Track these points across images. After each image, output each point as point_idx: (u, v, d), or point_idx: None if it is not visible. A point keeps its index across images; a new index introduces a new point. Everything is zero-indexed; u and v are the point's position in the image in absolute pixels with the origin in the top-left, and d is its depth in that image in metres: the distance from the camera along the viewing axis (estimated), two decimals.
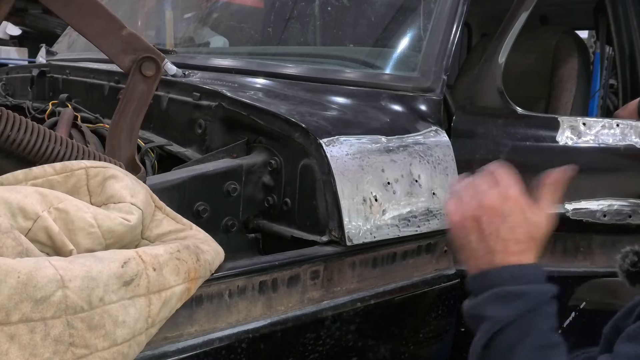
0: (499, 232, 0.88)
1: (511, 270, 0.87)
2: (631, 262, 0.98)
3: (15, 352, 0.72)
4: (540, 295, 0.85)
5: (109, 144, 1.16)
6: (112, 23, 1.10)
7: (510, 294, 0.84)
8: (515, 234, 0.89)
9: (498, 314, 0.84)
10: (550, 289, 0.87)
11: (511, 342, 0.83)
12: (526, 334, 0.82)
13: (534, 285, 0.86)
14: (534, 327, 0.83)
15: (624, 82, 2.06)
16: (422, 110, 1.45)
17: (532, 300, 0.84)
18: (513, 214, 0.90)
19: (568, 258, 1.49)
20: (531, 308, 0.84)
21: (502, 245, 0.88)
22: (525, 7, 1.52)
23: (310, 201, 1.20)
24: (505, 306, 0.84)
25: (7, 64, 4.65)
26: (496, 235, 0.88)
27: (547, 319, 0.85)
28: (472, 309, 0.88)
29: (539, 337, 0.82)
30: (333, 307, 1.16)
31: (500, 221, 0.89)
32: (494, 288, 0.85)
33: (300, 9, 1.97)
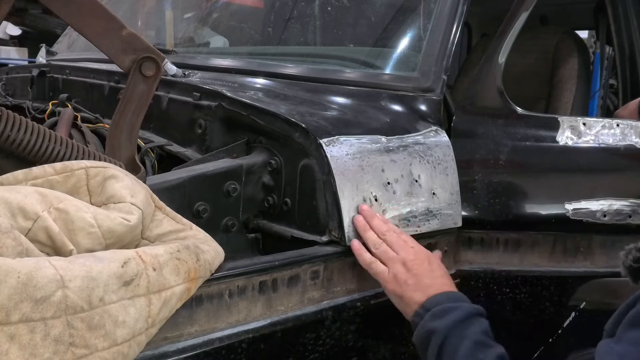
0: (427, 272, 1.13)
1: (443, 295, 1.10)
2: (634, 258, 0.99)
3: (15, 352, 0.72)
4: (469, 308, 1.07)
5: (109, 144, 1.16)
6: (112, 23, 1.10)
7: (447, 309, 1.07)
8: (438, 271, 1.15)
9: (441, 325, 1.04)
10: (477, 307, 1.09)
11: (455, 346, 1.02)
12: (463, 336, 1.03)
13: (463, 303, 1.09)
14: (469, 331, 1.03)
15: (624, 82, 2.06)
16: (422, 110, 1.45)
17: (463, 312, 1.06)
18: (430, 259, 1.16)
19: (568, 258, 1.49)
20: (464, 317, 1.05)
21: (431, 280, 1.12)
22: (525, 7, 1.52)
23: (310, 201, 1.20)
24: (445, 318, 1.05)
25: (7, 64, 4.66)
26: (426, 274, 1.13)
27: (479, 326, 1.05)
28: (420, 332, 1.08)
29: (474, 337, 1.02)
30: (333, 307, 1.16)
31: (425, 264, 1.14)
32: (432, 309, 1.08)
33: (300, 9, 1.97)
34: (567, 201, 1.46)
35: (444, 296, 1.10)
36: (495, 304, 1.44)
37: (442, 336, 1.04)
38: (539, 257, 1.47)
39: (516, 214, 1.44)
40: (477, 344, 1.02)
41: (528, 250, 1.46)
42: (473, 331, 1.03)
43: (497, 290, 1.44)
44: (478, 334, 1.03)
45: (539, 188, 1.47)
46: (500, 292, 1.44)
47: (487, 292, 1.44)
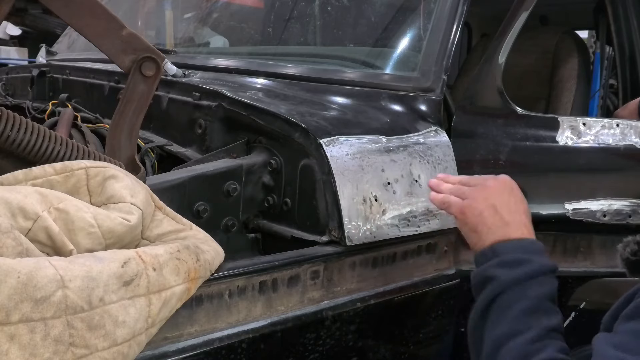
0: (507, 206, 1.03)
1: (519, 242, 1.00)
2: (631, 250, 1.00)
3: (15, 352, 0.72)
4: (541, 266, 0.97)
5: (109, 144, 1.16)
6: (112, 23, 1.10)
7: (515, 261, 0.96)
8: (518, 207, 1.04)
9: (504, 276, 0.95)
10: (551, 264, 0.98)
11: (511, 301, 0.93)
12: (526, 295, 0.93)
13: (537, 257, 0.98)
14: (533, 291, 0.94)
15: (624, 82, 2.06)
16: (422, 110, 1.45)
17: (533, 268, 0.95)
18: (514, 194, 1.05)
19: (568, 258, 1.49)
20: (532, 275, 0.95)
21: (512, 217, 1.02)
22: (525, 7, 1.52)
23: (310, 201, 1.20)
24: (512, 270, 0.95)
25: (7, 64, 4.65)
26: (507, 209, 1.02)
27: (546, 287, 0.95)
28: (481, 272, 0.99)
29: (535, 301, 0.93)
30: (333, 307, 1.16)
31: (506, 198, 1.03)
32: (503, 256, 0.98)
33: (300, 9, 1.97)
34: (567, 201, 1.46)
35: (518, 245, 1.00)
36: None
37: (501, 288, 0.95)
38: None
39: None
40: (536, 308, 0.93)
41: None
42: (537, 292, 0.94)
43: None
44: (542, 296, 0.94)
45: (539, 188, 1.47)
46: None
47: None
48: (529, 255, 0.98)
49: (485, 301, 0.97)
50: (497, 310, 0.95)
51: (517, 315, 0.92)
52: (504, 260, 0.98)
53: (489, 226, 1.02)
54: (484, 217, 1.03)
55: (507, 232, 1.01)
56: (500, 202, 1.03)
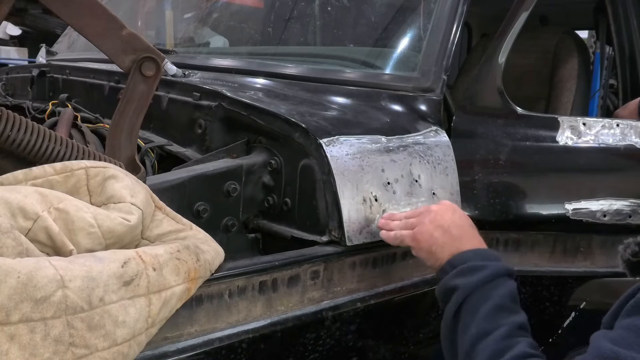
0: (456, 223, 1.11)
1: (472, 252, 1.07)
2: (632, 252, 1.00)
3: (15, 352, 0.72)
4: (498, 269, 1.03)
5: (109, 144, 1.16)
6: (112, 23, 1.10)
7: (474, 267, 1.03)
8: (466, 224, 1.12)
9: (465, 283, 1.02)
10: (506, 266, 1.05)
11: (476, 305, 1.00)
12: (488, 297, 1.00)
13: (493, 262, 1.05)
14: (494, 293, 1.00)
15: (624, 82, 2.06)
16: (422, 110, 1.45)
17: (491, 272, 1.02)
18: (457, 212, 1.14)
19: (568, 258, 1.49)
20: (491, 278, 1.02)
21: (460, 232, 1.10)
22: (525, 7, 1.52)
23: (310, 201, 1.20)
24: (470, 277, 1.02)
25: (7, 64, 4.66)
26: (455, 225, 1.10)
27: (505, 288, 1.01)
28: (443, 285, 1.06)
29: (498, 300, 0.99)
30: (333, 307, 1.16)
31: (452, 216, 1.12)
32: (458, 267, 1.04)
33: (300, 9, 1.97)
34: (567, 201, 1.46)
35: (473, 253, 1.07)
36: None
37: (465, 294, 1.01)
38: (539, 257, 1.47)
39: (516, 214, 1.44)
40: (498, 308, 0.98)
41: (528, 250, 1.47)
42: (497, 293, 1.00)
43: None
44: (502, 297, 1.00)
45: (539, 188, 1.47)
46: None
47: None
48: (484, 262, 1.04)
49: (452, 310, 1.02)
50: (464, 315, 1.00)
51: (484, 316, 0.98)
52: (462, 269, 1.04)
53: (442, 244, 1.09)
54: (435, 238, 1.10)
55: (460, 245, 1.08)
56: (446, 222, 1.11)
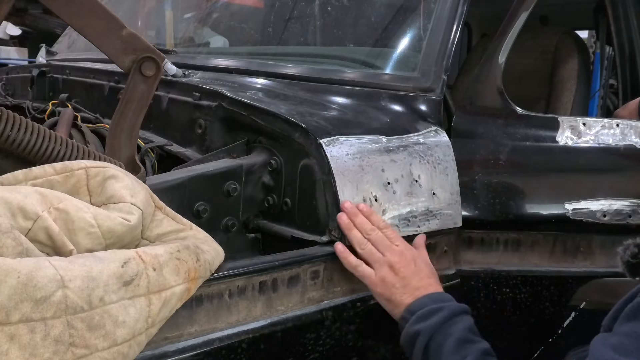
0: (413, 273, 1.15)
1: (427, 298, 1.12)
2: (632, 253, 1.00)
3: (15, 352, 0.72)
4: (453, 308, 1.10)
5: (109, 144, 1.16)
6: (112, 23, 1.10)
7: (431, 311, 1.09)
8: (424, 271, 1.16)
9: (425, 327, 1.07)
10: (461, 306, 1.12)
11: (440, 344, 1.05)
12: (448, 334, 1.05)
13: (448, 303, 1.11)
14: (454, 329, 1.06)
15: (624, 82, 2.06)
16: (422, 110, 1.45)
17: (447, 311, 1.09)
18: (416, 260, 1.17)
19: (568, 258, 1.49)
20: (449, 317, 1.08)
21: (418, 281, 1.14)
22: (525, 7, 1.52)
23: (310, 201, 1.20)
24: (430, 319, 1.08)
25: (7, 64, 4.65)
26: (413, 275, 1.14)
27: (464, 324, 1.08)
28: (406, 332, 1.10)
29: (459, 335, 1.05)
30: (333, 307, 1.16)
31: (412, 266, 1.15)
32: (417, 313, 1.10)
33: (300, 9, 1.97)
34: (567, 201, 1.46)
35: (428, 298, 1.12)
36: (496, 304, 1.44)
37: (427, 336, 1.06)
38: (539, 257, 1.47)
39: (516, 214, 1.44)
40: (462, 340, 1.04)
41: (528, 250, 1.46)
42: (457, 329, 1.06)
43: (497, 290, 1.44)
44: (462, 331, 1.06)
45: (539, 188, 1.47)
46: (501, 292, 1.44)
47: (487, 292, 1.44)
48: (439, 304, 1.10)
49: (419, 354, 1.07)
50: (432, 356, 1.06)
51: (450, 351, 1.03)
52: (420, 315, 1.09)
53: (401, 295, 1.13)
54: (396, 289, 1.14)
55: (418, 293, 1.13)
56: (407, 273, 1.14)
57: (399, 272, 1.14)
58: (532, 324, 1.50)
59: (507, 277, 1.44)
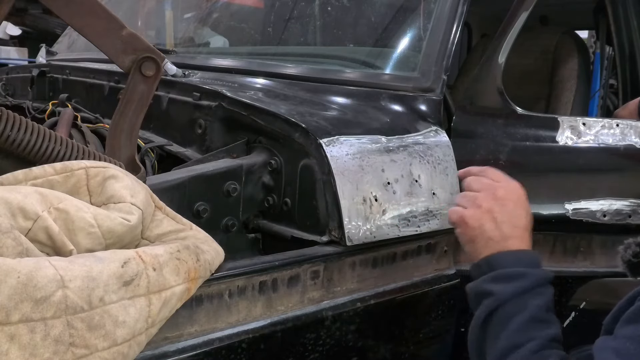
0: (510, 221, 1.03)
1: (513, 255, 1.01)
2: (633, 252, 1.00)
3: (15, 352, 0.72)
4: (537, 278, 0.99)
5: (109, 144, 1.16)
6: (112, 23, 1.10)
7: (512, 275, 0.98)
8: (520, 222, 1.04)
9: (500, 291, 0.97)
10: (546, 274, 1.00)
11: (509, 315, 0.96)
12: (523, 308, 0.95)
13: (532, 269, 1.00)
14: (530, 303, 0.96)
15: (624, 82, 2.06)
16: (422, 110, 1.45)
17: (529, 281, 0.98)
18: (517, 207, 1.05)
19: (568, 258, 1.49)
20: (529, 288, 0.97)
21: (511, 232, 1.03)
22: (525, 7, 1.52)
23: (310, 201, 1.20)
24: (507, 284, 0.97)
25: (7, 64, 4.65)
26: (509, 223, 1.03)
27: (542, 298, 0.97)
28: (476, 287, 1.01)
29: (533, 312, 0.95)
30: (333, 307, 1.16)
31: (510, 212, 1.04)
32: (498, 269, 0.99)
33: (300, 9, 1.97)
34: (567, 201, 1.46)
35: (514, 257, 1.01)
36: None
37: (498, 302, 0.97)
38: None
39: None
40: (534, 319, 0.95)
41: None
42: (534, 304, 0.96)
43: None
44: (539, 308, 0.96)
45: (539, 188, 1.47)
46: None
47: None
48: (524, 268, 0.99)
49: (483, 316, 0.99)
50: (495, 324, 0.97)
51: (516, 328, 0.94)
52: (500, 274, 0.99)
53: (487, 239, 1.03)
54: (483, 230, 1.04)
55: (505, 245, 1.02)
56: (502, 215, 1.04)
57: (496, 212, 1.03)
58: None
59: None
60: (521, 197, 1.08)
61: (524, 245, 1.04)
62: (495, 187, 1.07)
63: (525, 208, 1.07)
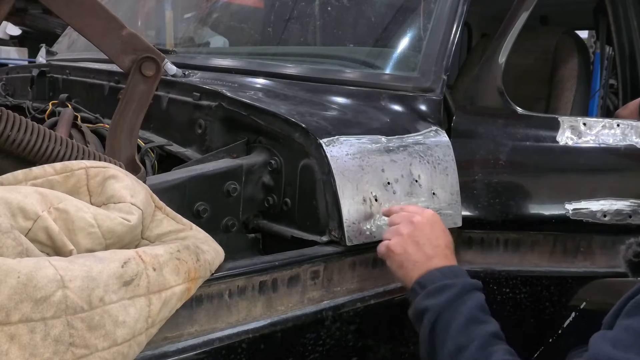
0: (430, 241, 1.12)
1: (438, 271, 1.09)
2: (634, 252, 1.00)
3: (15, 352, 0.72)
4: (463, 285, 1.07)
5: (109, 144, 1.16)
6: (112, 23, 1.10)
7: (441, 287, 1.06)
8: (440, 242, 1.13)
9: (434, 304, 1.05)
10: (472, 281, 1.09)
11: (447, 322, 1.03)
12: (458, 313, 1.03)
13: (458, 279, 1.08)
14: (462, 308, 1.03)
15: (624, 82, 2.05)
16: (422, 110, 1.45)
17: (457, 289, 1.06)
18: (435, 229, 1.14)
19: (568, 258, 1.49)
20: (458, 295, 1.05)
21: (434, 251, 1.11)
22: (525, 7, 1.52)
23: (310, 201, 1.20)
24: (439, 296, 1.05)
25: (7, 64, 4.65)
26: (429, 244, 1.12)
27: (473, 301, 1.05)
28: (414, 307, 1.08)
29: (467, 314, 1.02)
30: (333, 307, 1.16)
31: (428, 234, 1.13)
32: (427, 287, 1.07)
33: (300, 9, 1.97)
34: (567, 201, 1.46)
35: (439, 273, 1.09)
36: (495, 304, 1.44)
37: (436, 314, 1.04)
38: (539, 257, 1.47)
39: (516, 214, 1.44)
40: (471, 320, 1.02)
41: (528, 250, 1.46)
42: (467, 307, 1.04)
43: (497, 290, 1.44)
44: (472, 309, 1.04)
45: (539, 188, 1.47)
46: (500, 292, 1.44)
47: (487, 292, 1.43)
48: (451, 280, 1.07)
49: (426, 331, 1.05)
50: (438, 334, 1.04)
51: (457, 331, 1.01)
52: (430, 290, 1.07)
53: (414, 262, 1.11)
54: (408, 254, 1.11)
55: (430, 265, 1.10)
56: (422, 238, 1.12)
57: (416, 236, 1.11)
58: (532, 324, 1.50)
59: (507, 277, 1.44)
60: (437, 220, 1.16)
61: (448, 261, 1.12)
62: (411, 215, 1.15)
63: (442, 229, 1.16)
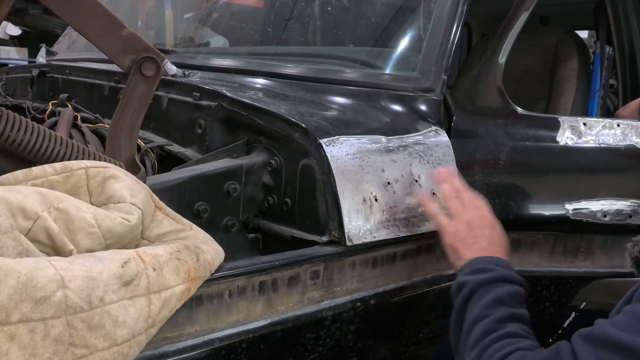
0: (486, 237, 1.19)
1: (487, 258, 1.16)
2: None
3: (15, 352, 0.72)
4: (505, 274, 1.13)
5: (109, 144, 1.16)
6: (112, 23, 1.10)
7: (482, 269, 1.13)
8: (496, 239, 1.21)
9: (474, 279, 1.12)
10: (514, 275, 1.14)
11: (479, 297, 1.10)
12: (492, 291, 1.10)
13: (501, 268, 1.14)
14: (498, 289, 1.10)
15: (624, 82, 2.06)
16: (422, 110, 1.45)
17: (498, 273, 1.12)
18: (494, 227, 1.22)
19: (568, 258, 1.49)
20: (496, 279, 1.11)
21: (488, 244, 1.19)
22: (525, 7, 1.52)
23: (310, 201, 1.20)
24: (478, 275, 1.12)
25: (7, 64, 4.65)
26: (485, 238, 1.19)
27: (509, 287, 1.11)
28: (456, 282, 1.16)
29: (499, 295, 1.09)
30: (333, 307, 1.16)
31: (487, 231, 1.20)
32: (472, 266, 1.15)
33: (300, 9, 1.97)
34: (567, 201, 1.46)
35: (487, 259, 1.16)
36: None
37: (472, 288, 1.11)
38: (539, 257, 1.47)
39: (516, 214, 1.44)
40: (500, 300, 1.08)
41: (528, 250, 1.46)
42: (500, 290, 1.10)
43: None
44: (506, 293, 1.10)
45: (539, 188, 1.47)
46: None
47: None
48: (495, 266, 1.13)
49: (461, 302, 1.12)
50: (469, 306, 1.11)
51: (484, 305, 1.08)
52: (474, 268, 1.14)
53: (467, 249, 1.18)
54: (465, 243, 1.19)
55: (481, 253, 1.17)
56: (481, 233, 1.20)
57: (474, 230, 1.19)
58: (532, 324, 1.49)
59: None
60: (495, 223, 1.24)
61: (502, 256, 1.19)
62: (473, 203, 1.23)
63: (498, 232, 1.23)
